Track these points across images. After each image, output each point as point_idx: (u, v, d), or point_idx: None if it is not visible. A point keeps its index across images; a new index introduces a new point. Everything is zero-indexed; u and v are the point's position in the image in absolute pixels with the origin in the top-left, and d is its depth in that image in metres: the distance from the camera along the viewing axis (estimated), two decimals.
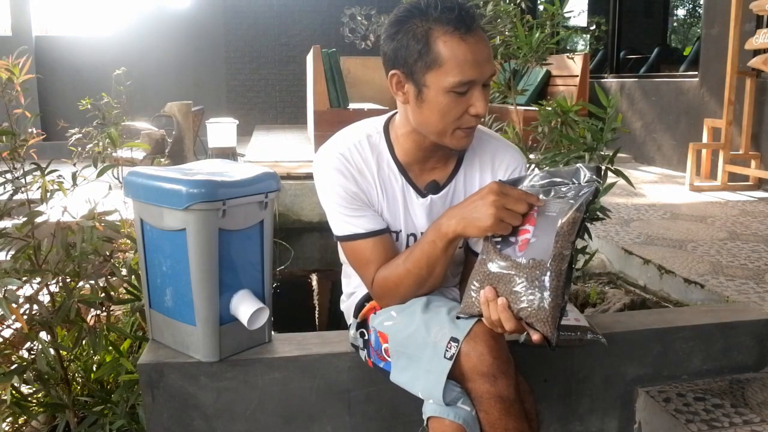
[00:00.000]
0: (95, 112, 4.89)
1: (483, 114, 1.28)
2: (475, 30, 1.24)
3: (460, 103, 1.26)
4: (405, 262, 1.35)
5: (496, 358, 1.24)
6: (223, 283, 1.54)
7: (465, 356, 1.24)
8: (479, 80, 1.25)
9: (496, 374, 1.24)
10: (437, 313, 1.33)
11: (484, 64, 1.25)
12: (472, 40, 1.23)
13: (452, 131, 1.30)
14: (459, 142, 1.32)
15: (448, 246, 1.29)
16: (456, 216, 1.25)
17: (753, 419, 1.69)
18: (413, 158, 1.41)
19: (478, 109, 1.26)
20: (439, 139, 1.33)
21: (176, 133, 6.12)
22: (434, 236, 1.29)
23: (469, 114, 1.28)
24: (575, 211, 1.13)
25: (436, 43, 1.23)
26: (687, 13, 8.97)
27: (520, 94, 2.67)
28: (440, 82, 1.24)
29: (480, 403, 1.25)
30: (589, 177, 1.17)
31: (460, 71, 1.23)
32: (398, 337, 1.37)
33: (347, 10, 9.43)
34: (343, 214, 1.39)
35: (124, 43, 8.65)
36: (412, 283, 1.36)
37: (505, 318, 1.15)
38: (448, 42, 1.22)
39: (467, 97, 1.26)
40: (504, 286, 1.17)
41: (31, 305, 1.74)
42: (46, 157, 2.01)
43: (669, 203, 4.01)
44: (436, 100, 1.26)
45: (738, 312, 2.06)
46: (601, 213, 2.02)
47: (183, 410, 1.59)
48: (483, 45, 1.25)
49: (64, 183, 1.89)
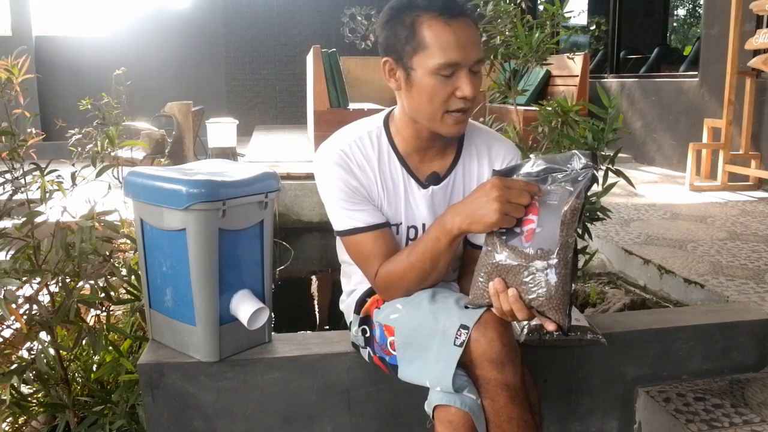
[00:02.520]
0: (95, 112, 4.88)
1: (470, 96, 1.31)
2: (461, 16, 1.30)
3: (446, 85, 1.30)
4: (409, 256, 1.37)
5: (505, 345, 1.26)
6: (223, 283, 1.54)
7: (475, 342, 1.26)
8: (464, 63, 1.29)
9: (505, 361, 1.25)
10: (445, 303, 1.35)
11: (469, 47, 1.29)
12: (456, 24, 1.29)
13: (442, 115, 1.34)
14: (450, 128, 1.35)
15: (452, 242, 1.32)
16: (461, 213, 1.27)
17: (753, 419, 1.69)
18: (413, 148, 1.45)
19: (464, 91, 1.30)
20: (430, 124, 1.36)
21: (176, 133, 6.12)
22: (438, 233, 1.32)
23: (456, 96, 1.31)
24: (575, 198, 1.16)
25: (421, 27, 1.29)
26: (687, 13, 8.97)
27: (520, 94, 2.66)
28: (426, 64, 1.29)
29: (486, 390, 1.26)
30: (584, 163, 1.19)
31: (443, 53, 1.28)
32: (405, 329, 1.38)
33: (347, 10, 9.43)
34: (343, 208, 1.41)
35: (124, 43, 8.64)
36: (416, 277, 1.38)
37: (517, 308, 1.18)
38: (432, 26, 1.28)
39: (453, 80, 1.30)
40: (513, 277, 1.19)
41: (31, 305, 1.74)
42: (46, 157, 2.01)
43: (669, 203, 4.01)
44: (423, 82, 1.31)
45: (738, 312, 2.05)
46: (601, 213, 2.02)
47: (183, 410, 1.59)
48: (468, 30, 1.30)
49: (63, 183, 1.89)
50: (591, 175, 1.18)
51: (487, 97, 2.86)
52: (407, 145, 1.45)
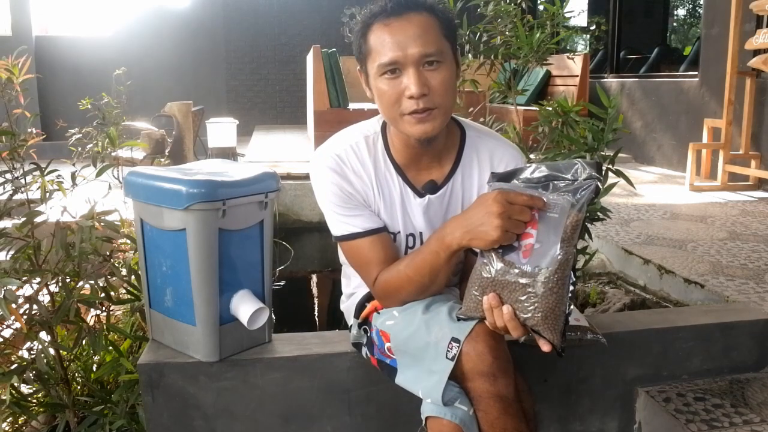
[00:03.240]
0: (95, 112, 4.89)
1: (416, 94, 1.26)
2: (403, 14, 1.28)
3: (394, 86, 1.29)
4: (407, 268, 1.35)
5: (496, 357, 1.25)
6: (223, 283, 1.53)
7: (465, 356, 1.25)
8: (404, 60, 1.27)
9: (496, 374, 1.24)
10: (437, 313, 1.33)
11: (408, 43, 1.26)
12: (396, 23, 1.28)
13: (399, 117, 1.31)
14: (412, 128, 1.31)
15: (450, 257, 1.29)
16: (461, 228, 1.23)
17: (753, 419, 1.69)
18: (406, 157, 1.42)
19: (410, 90, 1.27)
20: (396, 127, 1.35)
21: (176, 133, 6.12)
22: (438, 247, 1.29)
23: (405, 96, 1.28)
24: (577, 212, 1.12)
25: (369, 34, 1.32)
26: (687, 13, 8.97)
27: (520, 94, 2.66)
28: (372, 68, 1.32)
29: (479, 402, 1.25)
30: (587, 174, 1.14)
31: (380, 54, 1.29)
32: (400, 337, 1.38)
33: (347, 10, 9.34)
34: (339, 214, 1.40)
35: (124, 43, 8.64)
36: (414, 289, 1.36)
37: (512, 327, 1.16)
38: (375, 31, 1.31)
39: (401, 79, 1.28)
40: (509, 294, 1.15)
41: (31, 305, 1.74)
42: (46, 157, 2.01)
43: (669, 203, 4.01)
44: (377, 86, 1.32)
45: (738, 312, 2.05)
46: (601, 213, 2.02)
47: (183, 410, 1.59)
48: (408, 25, 1.27)
49: (63, 183, 1.89)
50: (594, 187, 1.13)
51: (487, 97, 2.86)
52: (400, 154, 1.42)
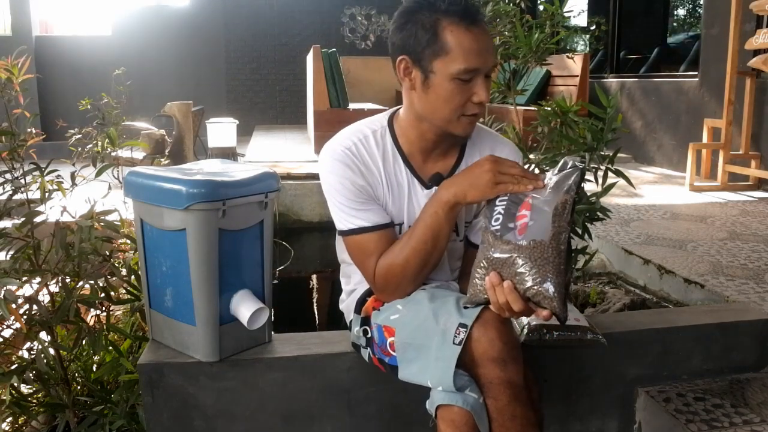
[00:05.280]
0: (95, 112, 4.89)
1: (485, 101, 1.36)
2: (480, 22, 1.33)
3: (464, 90, 1.34)
4: (408, 242, 1.38)
5: (506, 343, 1.26)
6: (223, 283, 1.53)
7: (475, 342, 1.26)
8: (482, 69, 1.33)
9: (506, 359, 1.25)
10: (444, 303, 1.35)
11: (487, 54, 1.34)
12: (477, 30, 1.32)
13: (457, 118, 1.37)
14: (464, 129, 1.40)
15: (449, 213, 1.34)
16: (455, 184, 1.32)
17: (753, 419, 1.69)
18: (417, 148, 1.46)
19: (480, 96, 1.34)
20: (444, 125, 1.39)
21: (176, 133, 6.12)
22: (435, 207, 1.34)
23: (472, 101, 1.35)
24: (565, 193, 1.22)
25: (443, 32, 1.31)
26: (687, 13, 8.97)
27: (520, 94, 2.66)
28: (447, 68, 1.32)
29: (489, 388, 1.26)
30: (572, 164, 1.28)
31: (465, 59, 1.31)
32: (406, 329, 1.39)
33: (347, 10, 9.43)
34: (349, 207, 1.42)
35: (124, 43, 8.65)
36: (419, 260, 1.38)
37: (512, 300, 1.19)
38: (454, 31, 1.31)
39: (471, 85, 1.34)
40: (508, 270, 1.20)
41: (31, 305, 1.74)
42: (46, 157, 2.01)
43: (669, 203, 4.01)
44: (442, 86, 1.34)
45: (738, 312, 2.05)
46: (601, 213, 2.02)
47: (183, 410, 1.59)
48: (487, 36, 1.34)
49: (63, 183, 1.89)
50: (580, 170, 1.25)
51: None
52: (411, 146, 1.46)
